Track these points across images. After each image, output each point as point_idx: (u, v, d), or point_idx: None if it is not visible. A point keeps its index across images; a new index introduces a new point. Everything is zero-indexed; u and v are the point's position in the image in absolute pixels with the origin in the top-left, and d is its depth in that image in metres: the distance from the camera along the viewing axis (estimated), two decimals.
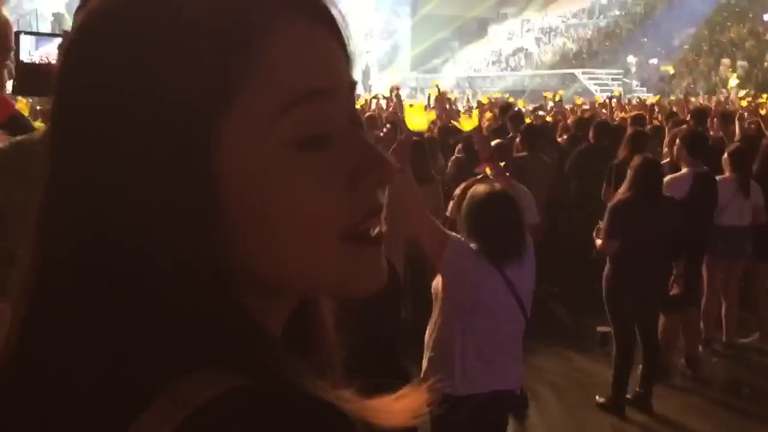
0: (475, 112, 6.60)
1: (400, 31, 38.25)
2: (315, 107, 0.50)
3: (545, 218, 5.63)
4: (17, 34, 2.39)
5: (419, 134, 6.85)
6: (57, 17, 22.02)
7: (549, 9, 35.99)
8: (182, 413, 0.43)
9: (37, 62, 2.53)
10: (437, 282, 3.10)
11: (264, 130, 0.48)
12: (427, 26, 35.78)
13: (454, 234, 3.02)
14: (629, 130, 6.40)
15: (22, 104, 5.73)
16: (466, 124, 5.67)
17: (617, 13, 33.33)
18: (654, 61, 28.26)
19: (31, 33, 3.00)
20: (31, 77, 2.38)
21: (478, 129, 4.63)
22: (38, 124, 2.89)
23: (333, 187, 0.50)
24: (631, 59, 28.96)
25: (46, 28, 20.47)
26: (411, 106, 6.19)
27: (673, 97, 17.50)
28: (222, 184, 0.48)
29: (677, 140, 5.43)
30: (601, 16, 34.01)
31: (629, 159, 4.99)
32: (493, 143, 4.82)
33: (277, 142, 0.49)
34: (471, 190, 3.12)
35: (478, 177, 3.54)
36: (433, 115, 7.61)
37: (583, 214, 6.33)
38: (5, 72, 1.72)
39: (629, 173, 4.63)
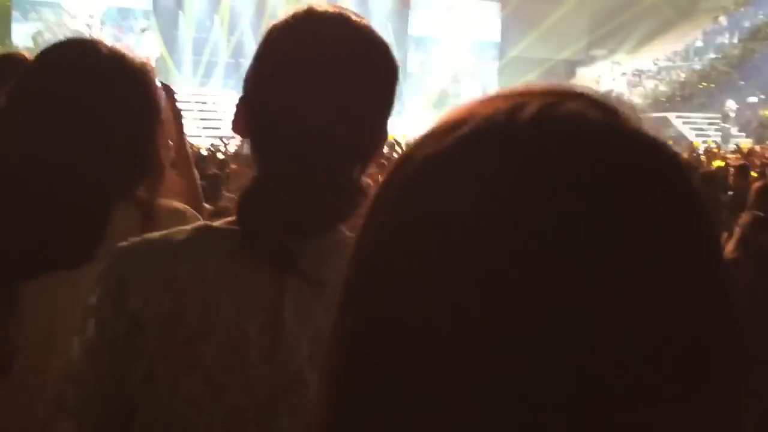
0: None
1: (487, 75, 38.35)
2: None
3: None
4: None
5: None
6: None
7: (640, 52, 35.35)
8: None
9: None
10: None
11: None
12: (515, 69, 35.74)
13: None
14: (756, 185, 5.67)
15: None
16: None
17: (713, 56, 32.36)
18: (753, 102, 27.28)
19: None
20: None
21: None
22: None
23: None
24: (730, 104, 27.95)
25: None
26: None
27: None
28: None
29: None
30: (696, 59, 33.09)
31: None
32: None
33: None
34: None
35: None
36: None
37: None
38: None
39: (736, 230, 4.32)
